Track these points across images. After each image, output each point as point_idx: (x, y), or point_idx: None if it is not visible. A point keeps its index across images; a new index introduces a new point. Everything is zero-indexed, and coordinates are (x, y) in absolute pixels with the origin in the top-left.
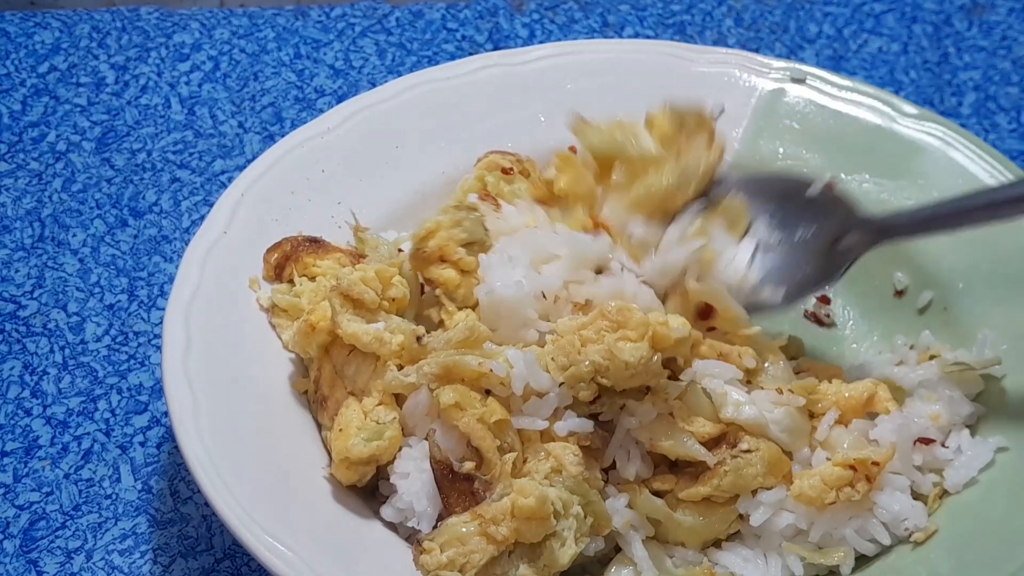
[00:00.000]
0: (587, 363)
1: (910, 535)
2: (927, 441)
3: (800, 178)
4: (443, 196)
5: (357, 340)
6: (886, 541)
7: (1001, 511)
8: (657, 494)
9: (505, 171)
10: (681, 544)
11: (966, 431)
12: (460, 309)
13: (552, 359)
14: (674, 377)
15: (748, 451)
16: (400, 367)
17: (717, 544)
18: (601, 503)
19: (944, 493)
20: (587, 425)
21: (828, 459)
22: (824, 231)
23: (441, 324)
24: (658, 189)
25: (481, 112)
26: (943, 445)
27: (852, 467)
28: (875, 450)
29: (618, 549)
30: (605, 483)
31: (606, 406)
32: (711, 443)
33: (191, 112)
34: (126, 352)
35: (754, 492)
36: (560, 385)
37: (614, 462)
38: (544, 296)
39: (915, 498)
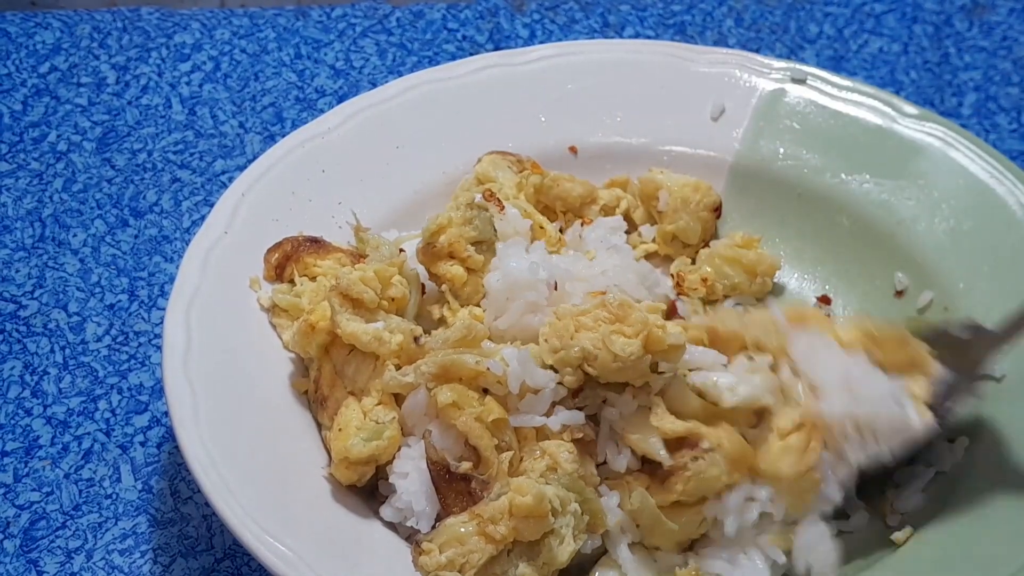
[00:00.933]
0: (577, 348)
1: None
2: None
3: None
4: (443, 196)
5: (356, 340)
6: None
7: (1001, 511)
8: None
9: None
10: (657, 548)
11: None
12: (463, 307)
13: (545, 340)
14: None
15: (709, 449)
16: (398, 367)
17: (691, 547)
18: (597, 500)
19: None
20: (578, 417)
21: None
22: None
23: (442, 321)
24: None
25: (481, 112)
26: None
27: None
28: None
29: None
30: (600, 481)
31: (588, 398)
32: (678, 442)
33: (192, 112)
34: (126, 352)
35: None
36: (549, 367)
37: (607, 458)
38: (556, 287)
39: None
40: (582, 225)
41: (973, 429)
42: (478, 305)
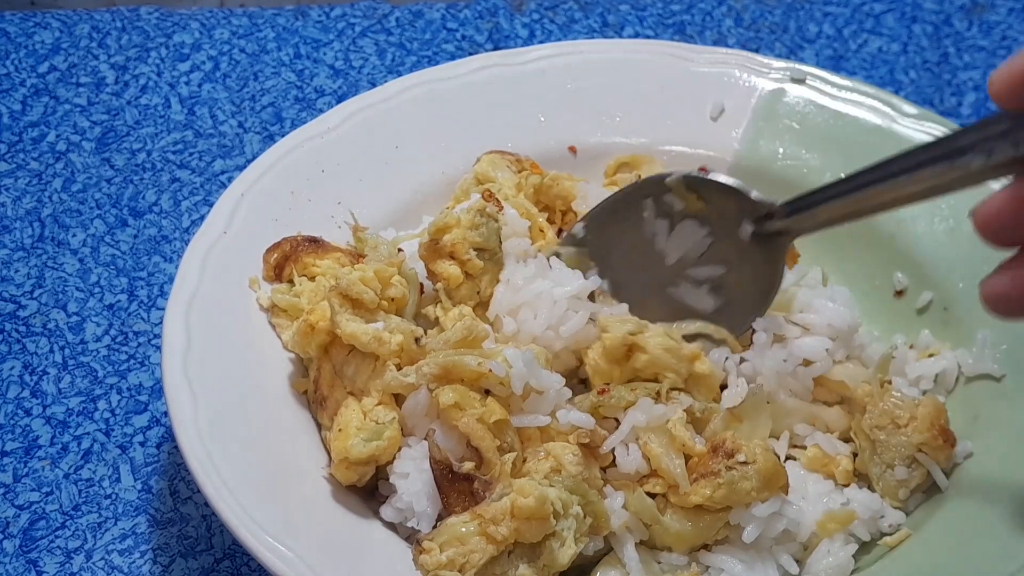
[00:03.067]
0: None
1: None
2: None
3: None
4: (443, 196)
5: (356, 340)
6: (865, 538)
7: (1001, 511)
8: (649, 495)
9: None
10: (668, 548)
11: None
12: (455, 306)
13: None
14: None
15: (744, 463)
16: (399, 367)
17: (707, 547)
18: (600, 503)
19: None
20: (589, 421)
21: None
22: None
23: (438, 322)
24: None
25: (481, 112)
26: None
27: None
28: None
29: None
30: (604, 483)
31: (614, 399)
32: (714, 448)
33: (191, 112)
34: (126, 352)
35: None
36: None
37: (613, 461)
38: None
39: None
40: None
41: (973, 430)
42: (475, 308)
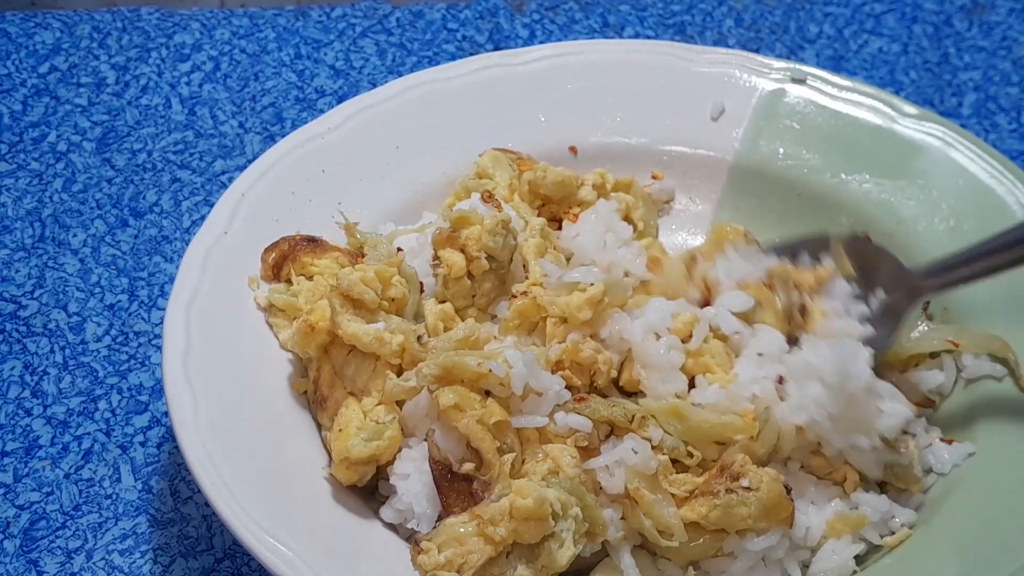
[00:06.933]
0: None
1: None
2: None
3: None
4: (443, 196)
5: (358, 340)
6: (876, 540)
7: (1001, 511)
8: None
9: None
10: (666, 558)
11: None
12: (441, 301)
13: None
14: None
15: (747, 488)
16: (399, 371)
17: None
18: (597, 508)
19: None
20: (586, 424)
21: None
22: (868, 294)
23: (418, 316)
24: None
25: (481, 112)
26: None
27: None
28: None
29: (607, 553)
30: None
31: (589, 409)
32: (720, 469)
33: (192, 112)
34: (126, 352)
35: (745, 532)
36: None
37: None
38: None
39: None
40: (571, 208)
41: (973, 430)
42: (462, 309)
